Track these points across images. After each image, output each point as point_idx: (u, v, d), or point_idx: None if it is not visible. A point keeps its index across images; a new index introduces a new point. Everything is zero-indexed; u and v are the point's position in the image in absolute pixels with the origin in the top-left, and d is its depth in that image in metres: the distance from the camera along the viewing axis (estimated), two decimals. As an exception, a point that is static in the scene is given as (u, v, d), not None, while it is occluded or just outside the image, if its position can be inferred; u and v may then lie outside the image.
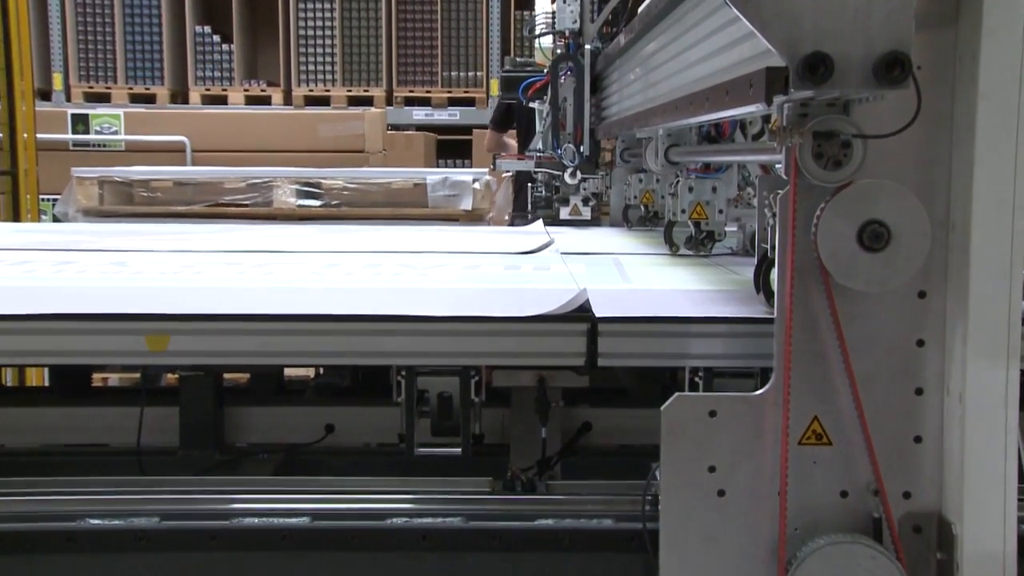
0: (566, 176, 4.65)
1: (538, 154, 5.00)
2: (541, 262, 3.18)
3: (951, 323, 1.84)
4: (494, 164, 5.39)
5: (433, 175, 6.36)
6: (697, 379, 2.13)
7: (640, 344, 2.10)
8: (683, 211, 3.22)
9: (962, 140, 1.80)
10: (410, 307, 2.18)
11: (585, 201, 4.86)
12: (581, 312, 2.14)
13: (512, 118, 6.88)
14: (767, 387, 1.87)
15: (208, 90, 9.70)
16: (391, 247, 3.69)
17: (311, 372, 3.80)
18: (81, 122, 7.17)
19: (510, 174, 6.35)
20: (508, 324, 2.11)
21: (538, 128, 5.12)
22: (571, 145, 4.51)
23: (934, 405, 1.87)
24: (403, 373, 2.19)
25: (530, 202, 5.18)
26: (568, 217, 4.87)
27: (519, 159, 5.25)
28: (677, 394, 1.89)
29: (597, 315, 2.10)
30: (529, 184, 5.25)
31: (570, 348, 2.10)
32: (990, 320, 1.79)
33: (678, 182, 3.23)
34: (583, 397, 2.72)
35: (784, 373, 1.83)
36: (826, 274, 1.80)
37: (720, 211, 3.22)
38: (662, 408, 1.87)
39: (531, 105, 5.11)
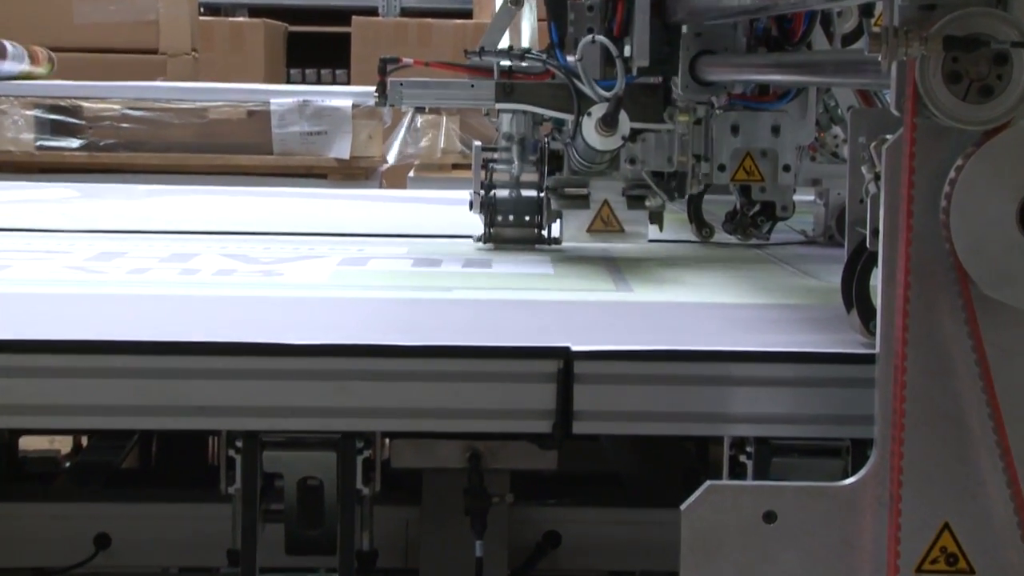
0: (586, 129, 3.16)
1: (502, 67, 3.37)
2: (477, 254, 3.22)
3: None
4: (383, 87, 3.39)
5: (282, 97, 6.37)
6: (743, 458, 2.17)
7: (644, 397, 2.14)
8: (722, 168, 3.26)
9: None
10: (250, 329, 2.20)
11: (636, 196, 3.48)
12: (546, 343, 2.18)
13: None
14: (863, 472, 1.92)
15: None
16: (212, 224, 3.69)
17: (66, 444, 3.79)
18: None
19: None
20: (419, 361, 2.14)
21: None
22: (603, 39, 3.16)
23: None
24: (237, 444, 2.20)
25: (476, 202, 3.51)
26: (586, 244, 3.48)
27: (443, 70, 3.38)
28: (709, 483, 1.93)
29: (573, 347, 2.14)
30: (479, 147, 3.55)
31: (526, 403, 2.13)
32: None
33: (713, 117, 3.27)
34: (547, 488, 2.75)
35: (894, 448, 1.88)
36: (966, 280, 1.86)
37: (786, 168, 3.26)
38: (683, 507, 1.92)
39: None
